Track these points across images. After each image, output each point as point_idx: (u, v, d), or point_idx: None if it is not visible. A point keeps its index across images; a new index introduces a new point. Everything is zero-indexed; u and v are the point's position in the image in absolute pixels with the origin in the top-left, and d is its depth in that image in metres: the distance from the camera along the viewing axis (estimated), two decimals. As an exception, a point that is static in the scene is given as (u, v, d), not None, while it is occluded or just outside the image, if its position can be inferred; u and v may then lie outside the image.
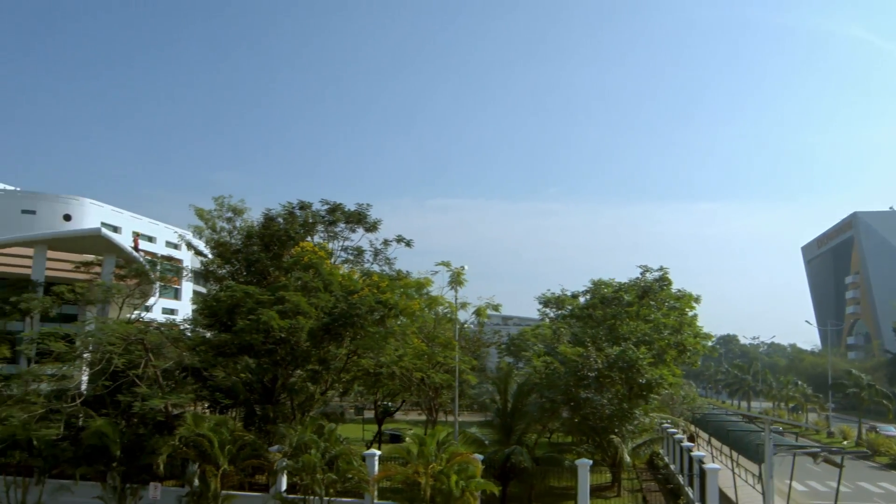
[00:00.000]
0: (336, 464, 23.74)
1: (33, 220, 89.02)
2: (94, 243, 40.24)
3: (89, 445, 24.55)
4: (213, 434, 23.70)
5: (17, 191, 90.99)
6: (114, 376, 26.90)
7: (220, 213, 40.52)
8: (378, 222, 35.83)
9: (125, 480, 25.09)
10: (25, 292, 35.78)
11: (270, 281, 36.17)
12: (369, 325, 27.59)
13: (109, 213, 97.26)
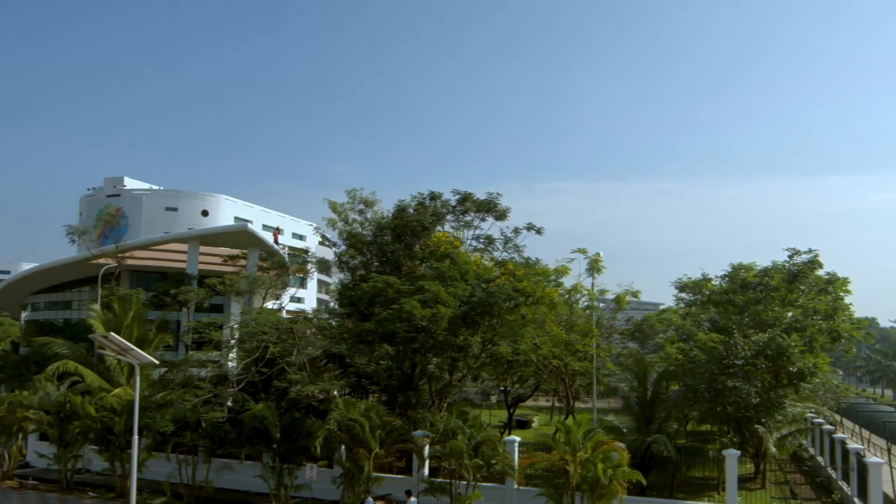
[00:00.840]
0: (481, 450, 24.24)
1: (175, 217, 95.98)
2: (241, 238, 42.90)
3: (251, 428, 26.28)
4: (364, 419, 24.78)
5: (161, 189, 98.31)
6: (265, 363, 28.68)
7: (353, 205, 41.93)
8: (508, 210, 35.99)
9: (283, 461, 26.69)
10: (182, 285, 38.79)
11: (404, 271, 37.23)
12: (507, 313, 27.88)
13: (242, 207, 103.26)
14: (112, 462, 29.51)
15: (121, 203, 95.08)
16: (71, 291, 53.68)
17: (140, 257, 46.36)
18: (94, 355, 37.01)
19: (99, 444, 29.95)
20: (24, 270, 60.26)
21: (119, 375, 35.11)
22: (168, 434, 27.27)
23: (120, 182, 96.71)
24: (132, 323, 35.41)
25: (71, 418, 30.27)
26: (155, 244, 47.69)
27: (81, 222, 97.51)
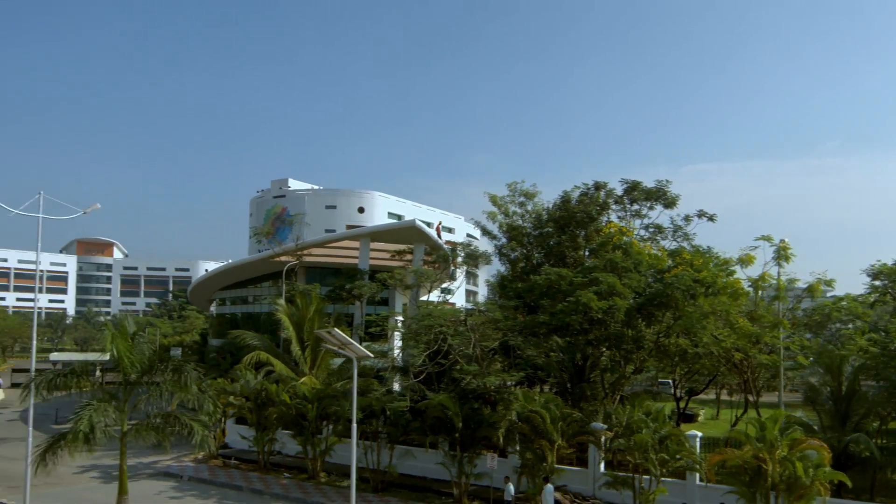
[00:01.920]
0: (665, 444, 23.72)
1: (334, 214, 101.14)
2: (409, 234, 44.57)
3: (433, 417, 27.30)
4: (544, 410, 25.00)
5: (321, 189, 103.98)
6: (439, 355, 29.65)
7: (513, 197, 42.23)
8: (677, 198, 34.82)
9: (463, 449, 27.50)
10: (356, 280, 40.87)
11: (568, 262, 37.04)
12: (686, 304, 27.03)
13: (394, 203, 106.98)
14: (305, 446, 31.75)
15: (286, 203, 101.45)
16: (251, 287, 58.23)
17: (315, 254, 49.34)
18: (279, 346, 39.91)
19: (293, 428, 32.32)
20: (215, 268, 66.03)
21: (303, 365, 37.68)
22: (357, 420, 28.84)
23: (285, 184, 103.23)
24: (314, 316, 37.86)
25: (267, 404, 32.91)
26: (329, 241, 50.64)
27: (252, 222, 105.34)
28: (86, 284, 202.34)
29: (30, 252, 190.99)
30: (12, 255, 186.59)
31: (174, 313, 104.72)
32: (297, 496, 28.91)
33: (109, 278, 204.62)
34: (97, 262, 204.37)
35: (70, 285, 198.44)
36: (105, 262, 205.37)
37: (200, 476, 32.56)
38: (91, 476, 32.85)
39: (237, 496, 29.47)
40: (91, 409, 18.35)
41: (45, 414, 54.27)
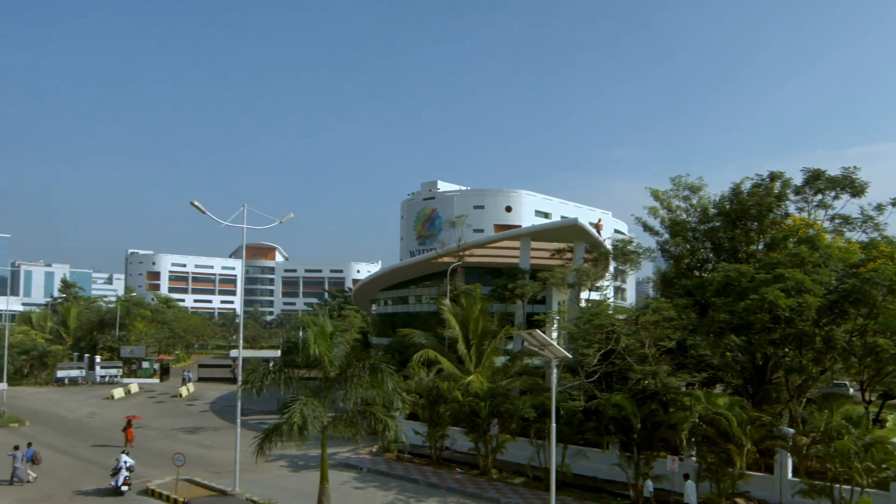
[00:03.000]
0: (871, 451, 22.03)
1: (482, 214, 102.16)
2: (569, 232, 44.36)
3: (609, 417, 27.01)
4: (730, 413, 24.01)
5: (469, 190, 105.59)
6: (609, 354, 29.26)
7: (677, 192, 40.81)
8: (866, 185, 32.13)
9: (640, 451, 26.99)
10: (517, 279, 41.20)
11: (741, 258, 35.25)
12: (887, 301, 24.92)
13: (541, 201, 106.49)
14: (477, 442, 32.47)
15: (435, 205, 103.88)
16: (411, 287, 60.36)
17: (475, 254, 50.28)
18: (445, 344, 40.98)
19: (464, 425, 33.15)
20: (379, 270, 69.12)
21: (468, 363, 38.49)
22: (530, 419, 29.14)
23: (434, 186, 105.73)
24: (478, 316, 38.55)
25: (438, 401, 33.97)
26: (491, 242, 51.42)
27: (403, 225, 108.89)
28: (251, 286, 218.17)
29: (204, 258, 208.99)
30: (190, 260, 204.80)
31: (334, 312, 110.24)
32: (473, 491, 29.61)
33: (272, 280, 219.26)
34: (261, 265, 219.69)
35: (238, 287, 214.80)
36: (268, 266, 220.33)
37: (379, 468, 34.19)
38: (280, 465, 35.42)
39: (415, 489, 30.66)
40: (301, 404, 19.87)
41: (230, 406, 59.21)
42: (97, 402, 60.32)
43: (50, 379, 70.95)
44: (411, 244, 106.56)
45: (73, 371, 72.97)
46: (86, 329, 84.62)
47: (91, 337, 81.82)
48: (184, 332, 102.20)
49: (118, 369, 74.77)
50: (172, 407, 58.77)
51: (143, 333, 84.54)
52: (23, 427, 46.44)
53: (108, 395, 63.75)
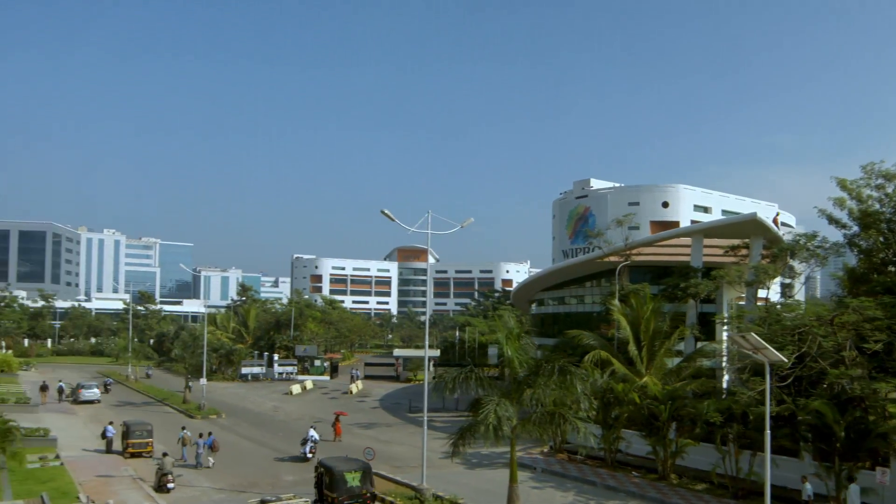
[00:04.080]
0: None
1: (637, 210, 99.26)
2: (745, 228, 42.19)
3: (806, 424, 25.41)
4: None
5: (623, 186, 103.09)
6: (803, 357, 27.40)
7: (869, 180, 37.58)
8: None
9: (843, 461, 25.16)
10: (690, 278, 39.69)
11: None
12: None
13: (700, 195, 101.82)
14: (655, 446, 31.70)
15: (588, 203, 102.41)
16: (572, 287, 59.89)
17: (642, 253, 49.05)
18: (615, 345, 40.31)
19: (640, 428, 32.47)
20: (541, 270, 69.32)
21: (639, 365, 37.61)
22: (716, 424, 28.02)
23: (587, 184, 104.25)
24: (650, 316, 37.59)
25: (613, 403, 33.50)
26: (661, 240, 49.99)
27: (555, 224, 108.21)
28: (405, 287, 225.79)
29: (361, 261, 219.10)
30: (348, 263, 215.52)
31: (488, 313, 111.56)
32: (654, 496, 28.92)
33: (424, 281, 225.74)
34: (414, 267, 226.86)
35: (393, 289, 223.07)
36: (420, 267, 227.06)
37: (553, 469, 34.29)
38: (455, 462, 36.42)
39: (593, 491, 30.44)
40: (494, 404, 20.41)
41: (398, 403, 61.75)
42: (278, 397, 65.04)
43: (235, 375, 77.38)
44: (564, 244, 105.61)
45: (255, 368, 79.23)
46: (263, 329, 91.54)
47: (269, 336, 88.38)
48: (348, 331, 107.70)
49: (294, 367, 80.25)
50: (345, 403, 62.11)
51: (314, 333, 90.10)
52: (219, 419, 50.99)
53: (286, 390, 68.55)
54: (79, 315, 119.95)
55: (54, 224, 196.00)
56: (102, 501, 25.90)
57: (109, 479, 30.67)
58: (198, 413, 51.63)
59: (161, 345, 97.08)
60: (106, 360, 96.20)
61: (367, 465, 26.30)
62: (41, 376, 76.80)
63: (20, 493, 26.36)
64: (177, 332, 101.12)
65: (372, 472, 26.27)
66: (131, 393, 67.13)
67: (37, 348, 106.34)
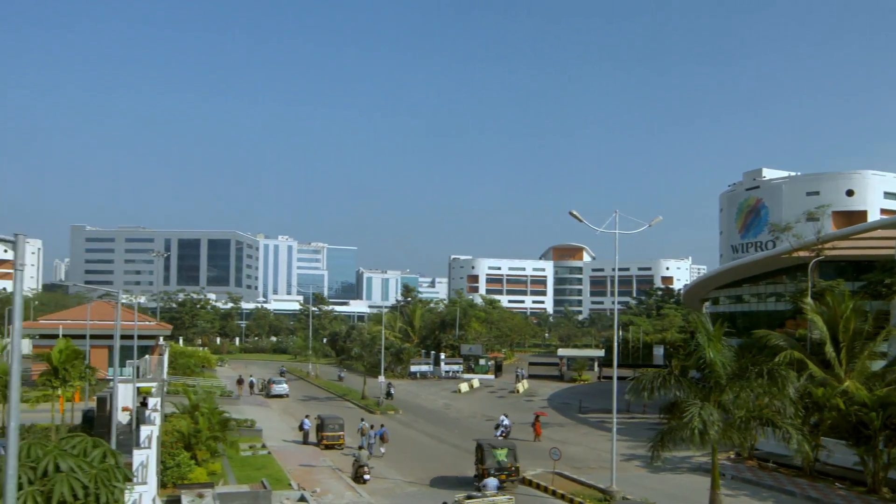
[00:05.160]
0: None
1: (817, 200, 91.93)
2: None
3: None
4: None
5: (800, 175, 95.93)
6: None
7: None
8: None
9: None
10: (894, 273, 36.26)
11: None
12: None
13: (892, 180, 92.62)
14: (863, 457, 29.33)
15: (760, 194, 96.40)
16: (749, 285, 56.75)
17: (836, 247, 45.46)
18: (807, 346, 37.74)
19: (846, 436, 30.16)
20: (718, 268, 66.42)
21: (836, 367, 34.90)
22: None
23: (759, 174, 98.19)
24: (849, 315, 34.79)
25: (810, 409, 31.37)
26: (860, 232, 46.19)
27: (722, 218, 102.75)
28: (561, 286, 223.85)
29: (517, 260, 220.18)
30: (504, 263, 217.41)
31: (652, 312, 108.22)
32: (866, 511, 26.83)
33: (580, 280, 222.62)
34: (569, 265, 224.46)
35: (548, 287, 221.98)
36: (576, 266, 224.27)
37: (744, 476, 32.68)
38: (635, 465, 35.77)
39: (792, 502, 28.73)
40: (698, 408, 19.89)
41: (566, 403, 61.51)
42: (448, 395, 66.98)
43: (405, 373, 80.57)
44: (733, 238, 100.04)
45: (423, 366, 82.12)
46: (429, 329, 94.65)
47: (434, 336, 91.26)
48: (509, 330, 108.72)
49: (460, 365, 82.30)
50: (513, 402, 62.80)
51: (478, 333, 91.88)
52: (397, 415, 53.44)
53: (454, 388, 70.41)
54: (261, 316, 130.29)
55: (237, 233, 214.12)
56: (310, 489, 28.07)
57: (311, 469, 33.18)
58: (377, 409, 54.36)
59: (334, 343, 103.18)
60: (286, 358, 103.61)
61: (513, 445, 31.40)
62: (234, 372, 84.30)
63: (241, 479, 29.20)
64: (348, 332, 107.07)
65: (517, 451, 31.13)
66: (313, 388, 71.95)
67: (227, 346, 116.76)
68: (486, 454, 29.90)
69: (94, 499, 9.24)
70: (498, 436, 40.35)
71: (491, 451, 30.04)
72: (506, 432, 41.34)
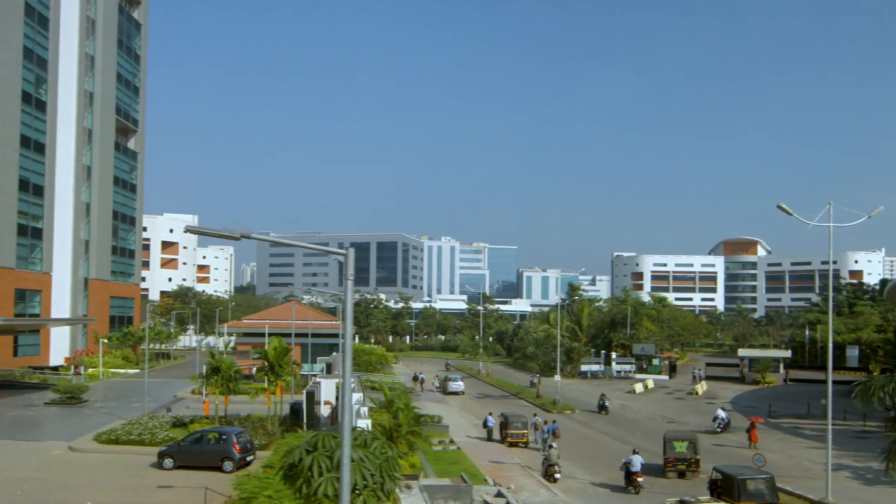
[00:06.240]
0: None
1: None
2: None
3: None
4: None
5: None
6: None
7: None
8: None
9: None
10: None
11: None
12: None
13: None
14: None
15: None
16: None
17: None
18: None
19: None
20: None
21: None
22: None
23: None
24: None
25: None
26: None
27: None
28: (733, 283, 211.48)
29: (684, 256, 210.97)
30: (670, 259, 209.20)
31: (843, 309, 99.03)
32: None
33: (754, 276, 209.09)
34: (742, 260, 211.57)
35: (719, 284, 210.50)
36: (749, 261, 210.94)
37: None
38: (845, 475, 33.11)
39: None
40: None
41: (752, 407, 58.10)
42: (622, 395, 65.65)
43: (575, 372, 79.98)
44: None
45: (594, 366, 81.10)
46: (598, 327, 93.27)
47: (604, 335, 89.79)
48: (681, 329, 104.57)
49: (631, 365, 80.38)
50: (693, 404, 60.41)
51: (649, 332, 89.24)
52: (573, 414, 53.24)
53: (629, 389, 68.87)
54: (430, 315, 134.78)
55: (403, 235, 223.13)
56: (505, 485, 28.79)
57: (501, 465, 33.97)
58: (553, 407, 54.46)
59: (501, 341, 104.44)
60: (454, 355, 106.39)
61: (695, 437, 32.52)
62: (407, 369, 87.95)
63: (438, 472, 30.53)
64: (514, 330, 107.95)
65: (698, 443, 32.14)
66: (484, 386, 73.41)
67: (398, 344, 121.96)
68: (667, 446, 31.76)
69: (380, 486, 10.27)
70: (716, 428, 44.06)
71: (672, 442, 31.80)
72: (724, 424, 44.24)
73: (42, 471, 30.65)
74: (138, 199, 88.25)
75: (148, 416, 41.73)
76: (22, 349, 65.62)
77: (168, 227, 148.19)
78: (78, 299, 75.61)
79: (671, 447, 31.69)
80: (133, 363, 76.74)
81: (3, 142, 59.64)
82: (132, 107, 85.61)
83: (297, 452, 10.89)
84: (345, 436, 8.29)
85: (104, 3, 77.51)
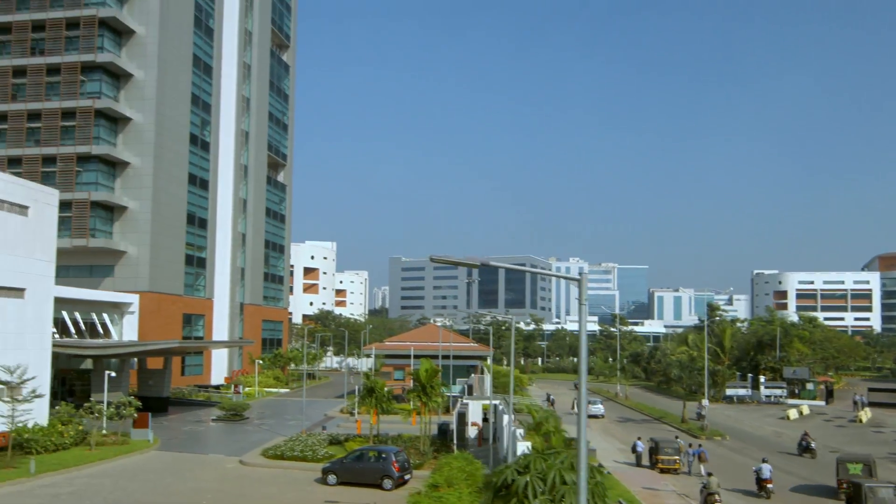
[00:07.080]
0: None
1: None
2: None
3: None
4: None
5: None
6: None
7: None
8: None
9: None
10: None
11: None
12: None
13: None
14: None
15: None
16: None
17: None
18: None
19: None
20: None
21: None
22: None
23: None
24: None
25: None
26: None
27: None
28: (890, 301, 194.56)
29: (833, 273, 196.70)
30: (817, 276, 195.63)
31: None
32: None
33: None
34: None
35: (875, 302, 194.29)
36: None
37: None
38: None
39: None
40: None
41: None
42: (774, 422, 62.13)
43: (720, 396, 76.53)
44: None
45: (740, 390, 77.19)
46: (742, 349, 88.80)
47: (750, 357, 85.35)
48: (836, 352, 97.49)
49: (782, 389, 75.86)
50: (857, 433, 56.24)
51: (801, 354, 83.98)
52: (724, 441, 51.03)
53: (782, 415, 65.08)
54: (561, 336, 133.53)
55: (531, 256, 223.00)
56: (664, 512, 28.25)
57: (656, 493, 33.25)
58: (701, 433, 52.50)
59: (637, 363, 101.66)
60: (588, 378, 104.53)
61: (870, 459, 31.57)
62: (540, 390, 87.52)
63: (593, 495, 30.44)
64: (651, 352, 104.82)
65: (874, 466, 31.28)
66: (624, 409, 71.74)
67: (530, 366, 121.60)
68: (839, 468, 31.28)
69: (593, 510, 10.76)
70: None
71: (844, 464, 31.31)
72: None
73: (219, 482, 33.37)
74: (286, 228, 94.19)
75: (306, 433, 44.30)
76: (188, 369, 71.61)
77: (310, 254, 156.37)
78: (235, 323, 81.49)
79: (844, 469, 31.27)
80: (283, 383, 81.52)
81: (176, 181, 65.94)
82: (281, 143, 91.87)
83: (508, 473, 11.57)
84: (581, 459, 8.79)
85: (258, 49, 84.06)
